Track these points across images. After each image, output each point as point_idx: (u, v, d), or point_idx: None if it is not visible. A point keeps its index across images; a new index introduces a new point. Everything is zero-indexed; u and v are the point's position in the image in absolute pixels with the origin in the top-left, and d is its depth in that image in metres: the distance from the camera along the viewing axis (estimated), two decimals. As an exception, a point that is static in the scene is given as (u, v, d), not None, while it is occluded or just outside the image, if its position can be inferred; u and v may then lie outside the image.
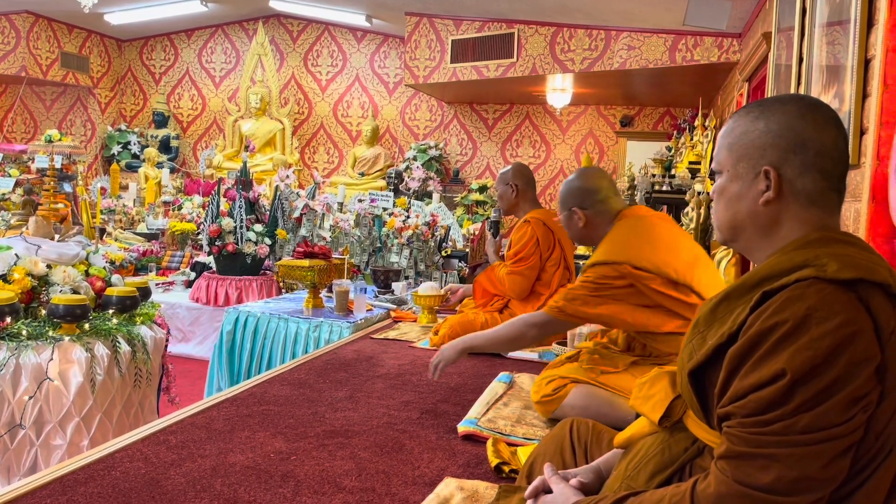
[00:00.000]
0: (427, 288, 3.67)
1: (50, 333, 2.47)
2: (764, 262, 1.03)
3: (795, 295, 0.90)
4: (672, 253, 1.99)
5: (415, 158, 9.77)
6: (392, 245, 5.73)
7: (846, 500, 0.91)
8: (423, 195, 9.18)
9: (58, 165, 6.49)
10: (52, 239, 2.93)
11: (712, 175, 1.13)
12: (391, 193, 6.06)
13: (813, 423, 0.86)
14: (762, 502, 0.87)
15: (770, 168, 1.02)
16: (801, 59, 2.93)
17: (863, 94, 2.11)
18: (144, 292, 2.99)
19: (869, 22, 2.11)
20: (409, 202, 6.16)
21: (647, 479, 1.05)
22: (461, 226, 8.26)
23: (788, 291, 0.91)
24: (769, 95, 3.67)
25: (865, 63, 2.12)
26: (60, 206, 5.71)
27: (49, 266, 2.68)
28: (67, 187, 6.79)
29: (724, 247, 3.86)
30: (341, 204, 6.34)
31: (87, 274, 2.78)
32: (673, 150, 6.09)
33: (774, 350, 0.88)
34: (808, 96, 1.09)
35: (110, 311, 2.72)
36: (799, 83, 2.94)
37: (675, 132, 7.49)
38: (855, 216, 2.07)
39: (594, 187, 2.17)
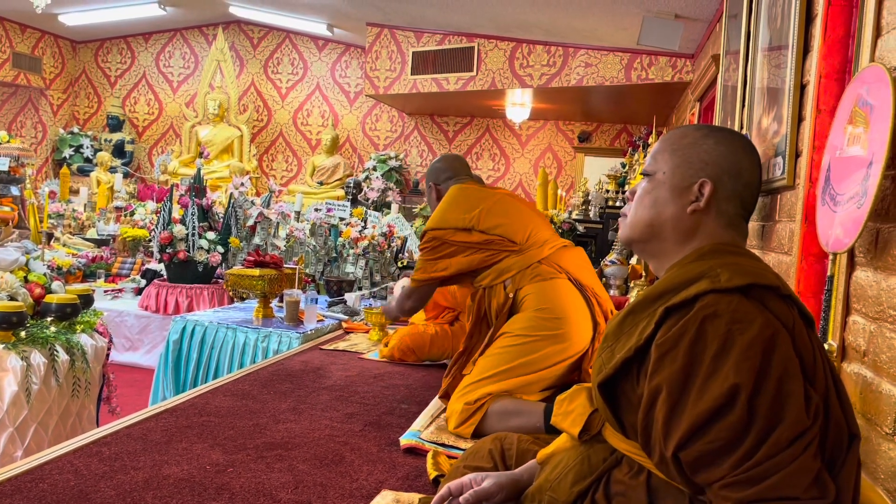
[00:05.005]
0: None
1: (-16, 341, 2.40)
2: (664, 271, 1.10)
3: (709, 313, 0.93)
4: (462, 208, 2.44)
5: (374, 169, 9.76)
6: (348, 255, 5.70)
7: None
8: (383, 206, 9.15)
9: (4, 168, 6.31)
10: (-9, 244, 2.85)
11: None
12: (348, 203, 6.02)
13: (789, 428, 0.88)
14: None
15: (707, 181, 1.08)
16: (745, 82, 3.01)
17: (798, 118, 2.18)
18: (87, 300, 2.92)
19: (805, 48, 2.18)
20: (366, 212, 6.14)
21: (568, 487, 1.08)
22: (419, 237, 8.25)
23: (701, 310, 0.94)
24: (717, 115, 3.77)
25: (801, 88, 2.19)
26: (6, 209, 5.55)
27: (-14, 271, 2.60)
28: (15, 190, 6.59)
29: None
30: (298, 213, 6.28)
31: (25, 280, 2.71)
32: (627, 167, 6.19)
33: (714, 372, 0.90)
34: (748, 138, 1.17)
35: (49, 319, 2.65)
36: (744, 105, 3.02)
37: (630, 149, 7.61)
38: (790, 236, 2.13)
39: (445, 167, 2.68)
